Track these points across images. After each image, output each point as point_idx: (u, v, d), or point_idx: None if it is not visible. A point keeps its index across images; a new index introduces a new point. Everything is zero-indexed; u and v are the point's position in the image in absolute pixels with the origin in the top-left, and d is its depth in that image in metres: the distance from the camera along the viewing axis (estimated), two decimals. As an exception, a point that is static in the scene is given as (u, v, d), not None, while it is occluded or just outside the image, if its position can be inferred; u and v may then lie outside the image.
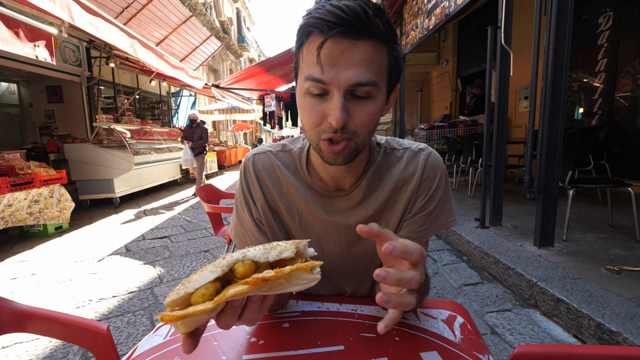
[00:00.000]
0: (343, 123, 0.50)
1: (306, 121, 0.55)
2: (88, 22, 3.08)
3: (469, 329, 0.62)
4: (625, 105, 4.11)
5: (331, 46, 0.49)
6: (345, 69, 0.49)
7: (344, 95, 0.51)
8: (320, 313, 0.66)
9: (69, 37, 5.66)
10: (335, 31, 0.48)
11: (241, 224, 0.71)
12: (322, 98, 0.52)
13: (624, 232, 2.63)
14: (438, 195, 0.66)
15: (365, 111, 0.52)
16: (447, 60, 7.91)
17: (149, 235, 3.65)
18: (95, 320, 0.78)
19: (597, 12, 4.31)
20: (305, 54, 0.53)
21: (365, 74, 0.50)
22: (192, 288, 0.36)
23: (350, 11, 0.48)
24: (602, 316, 1.55)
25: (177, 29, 8.13)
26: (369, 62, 0.50)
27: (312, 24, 0.50)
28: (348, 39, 0.49)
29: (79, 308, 2.10)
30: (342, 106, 0.50)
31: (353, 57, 0.49)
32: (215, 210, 2.12)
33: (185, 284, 0.37)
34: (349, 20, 0.48)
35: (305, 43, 0.53)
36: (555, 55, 2.13)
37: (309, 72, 0.52)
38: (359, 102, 0.52)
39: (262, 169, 0.69)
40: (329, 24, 0.48)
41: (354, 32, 0.48)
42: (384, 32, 0.51)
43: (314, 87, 0.52)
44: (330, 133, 0.52)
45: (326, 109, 0.52)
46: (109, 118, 5.45)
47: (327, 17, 0.48)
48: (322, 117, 0.53)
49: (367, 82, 0.50)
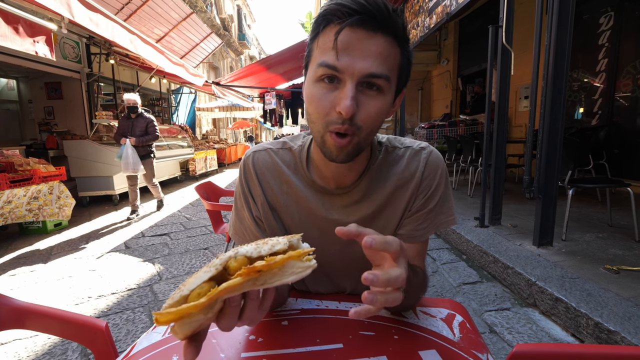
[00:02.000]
0: (352, 113, 0.50)
1: (314, 111, 0.54)
2: (88, 18, 3.07)
3: (468, 327, 0.62)
4: (626, 106, 4.11)
5: (349, 34, 0.49)
6: (361, 58, 0.49)
7: (356, 85, 0.50)
8: (319, 311, 0.66)
9: (69, 33, 5.66)
10: (355, 18, 0.48)
11: (240, 221, 0.71)
12: (333, 86, 0.52)
13: (623, 232, 2.64)
14: (438, 194, 0.66)
15: (374, 105, 0.52)
16: (447, 59, 7.89)
17: (148, 233, 3.65)
18: (93, 317, 0.78)
19: (598, 11, 4.30)
20: (321, 41, 0.53)
21: (380, 66, 0.50)
22: (188, 290, 0.35)
23: (373, 2, 0.48)
24: (601, 315, 1.56)
25: (178, 25, 8.10)
26: (384, 56, 0.50)
27: (333, 10, 0.50)
28: (367, 29, 0.49)
29: (78, 305, 2.10)
30: (353, 95, 0.49)
31: (370, 48, 0.49)
32: (215, 207, 2.12)
33: (181, 289, 0.36)
34: (370, 10, 0.48)
35: (322, 32, 0.52)
36: (556, 55, 2.13)
37: (323, 58, 0.51)
38: (369, 94, 0.51)
39: (262, 167, 0.69)
40: (350, 11, 0.48)
41: (373, 23, 0.49)
42: (401, 31, 0.51)
43: (327, 73, 0.51)
44: (338, 125, 0.51)
45: (336, 98, 0.51)
46: (109, 115, 5.44)
47: (349, 4, 0.49)
48: (331, 107, 0.52)
49: (381, 75, 0.50)
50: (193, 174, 8.07)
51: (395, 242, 0.41)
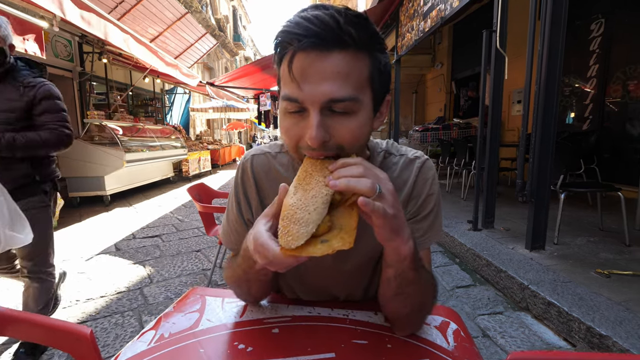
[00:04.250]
0: (321, 142, 0.47)
1: (287, 142, 0.54)
2: (80, 16, 3.03)
3: (462, 335, 0.61)
4: (615, 111, 4.17)
5: (303, 59, 0.46)
6: (319, 83, 0.46)
7: (321, 111, 0.47)
8: (311, 318, 0.65)
9: (61, 32, 5.57)
10: (302, 43, 0.46)
11: (229, 223, 0.70)
12: (300, 116, 0.50)
13: (613, 236, 2.66)
14: (429, 205, 0.64)
15: (347, 127, 0.49)
16: (442, 63, 7.94)
17: (139, 234, 3.60)
18: (77, 324, 0.76)
19: (589, 18, 4.36)
20: (281, 72, 0.51)
21: (342, 88, 0.47)
22: (312, 225, 0.42)
23: (319, 21, 0.45)
24: (592, 320, 1.56)
25: (172, 25, 8.04)
26: (344, 75, 0.46)
27: (282, 39, 0.49)
28: (319, 50, 0.46)
29: (65, 309, 2.06)
30: (318, 124, 0.47)
31: (325, 70, 0.46)
32: (207, 210, 2.09)
33: (295, 224, 0.42)
34: (316, 31, 0.45)
35: (283, 61, 0.50)
36: (549, 60, 2.15)
37: (285, 90, 0.50)
38: (338, 118, 0.48)
39: (260, 171, 0.68)
40: (297, 37, 0.46)
41: (324, 43, 0.46)
42: (361, 40, 0.47)
43: (291, 106, 0.49)
44: (310, 151, 0.50)
45: (304, 129, 0.49)
46: (101, 114, 5.37)
47: (294, 30, 0.46)
48: (300, 137, 0.50)
49: (344, 98, 0.47)
50: (186, 175, 7.99)
51: (363, 183, 0.42)
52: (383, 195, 0.43)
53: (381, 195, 0.43)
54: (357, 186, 0.42)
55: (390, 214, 0.43)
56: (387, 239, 0.46)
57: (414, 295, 0.55)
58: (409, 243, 0.48)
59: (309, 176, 0.48)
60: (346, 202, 0.46)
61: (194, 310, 0.68)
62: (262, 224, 0.49)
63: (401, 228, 0.46)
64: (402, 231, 0.47)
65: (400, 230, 0.46)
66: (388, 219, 0.43)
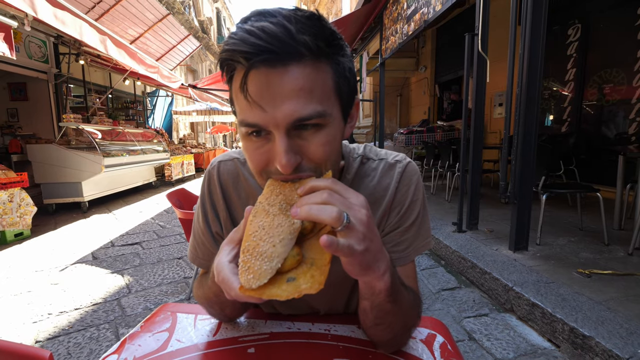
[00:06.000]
0: (293, 167, 0.42)
1: (251, 166, 0.48)
2: (53, 15, 2.91)
3: (449, 349, 0.58)
4: (592, 114, 4.30)
5: (255, 81, 0.41)
6: (280, 104, 0.41)
7: (287, 133, 0.42)
8: (290, 335, 0.61)
9: (34, 32, 5.36)
10: (253, 62, 0.39)
11: (195, 237, 0.65)
12: (263, 139, 0.44)
13: (593, 236, 2.72)
14: (414, 212, 0.60)
15: (318, 142, 0.44)
16: (425, 66, 8.05)
17: (118, 242, 3.46)
18: (36, 347, 0.69)
19: (567, 23, 4.49)
20: (234, 94, 0.45)
21: (306, 105, 0.41)
22: (278, 259, 0.37)
23: (266, 35, 0.39)
24: (575, 320, 1.57)
25: (154, 27, 7.87)
26: (307, 91, 0.41)
27: (226, 58, 0.42)
28: (274, 66, 0.40)
29: (36, 323, 1.94)
30: (286, 149, 0.42)
31: (284, 88, 0.40)
32: (188, 216, 2.02)
33: (257, 258, 0.37)
34: (265, 47, 0.39)
35: (233, 80, 0.44)
36: (529, 64, 2.18)
37: (242, 116, 0.44)
38: (307, 134, 0.44)
39: (227, 179, 0.64)
40: (245, 55, 0.39)
41: (278, 58, 0.40)
42: (319, 48, 0.41)
43: (251, 131, 0.44)
44: (281, 175, 0.44)
45: (271, 152, 0.44)
46: (77, 118, 5.17)
47: (240, 48, 0.39)
48: (267, 161, 0.45)
49: (311, 116, 0.42)
50: (169, 180, 7.81)
51: (326, 212, 0.36)
52: (352, 226, 0.36)
53: (349, 226, 0.36)
54: (319, 215, 0.35)
55: (359, 250, 0.37)
56: (357, 275, 0.40)
57: (395, 323, 0.51)
58: (384, 277, 0.42)
59: (275, 196, 0.42)
60: (319, 232, 0.40)
61: (163, 330, 0.63)
62: (225, 253, 0.44)
63: (374, 262, 0.40)
64: (375, 266, 0.41)
65: (373, 265, 0.40)
66: (356, 256, 0.37)
